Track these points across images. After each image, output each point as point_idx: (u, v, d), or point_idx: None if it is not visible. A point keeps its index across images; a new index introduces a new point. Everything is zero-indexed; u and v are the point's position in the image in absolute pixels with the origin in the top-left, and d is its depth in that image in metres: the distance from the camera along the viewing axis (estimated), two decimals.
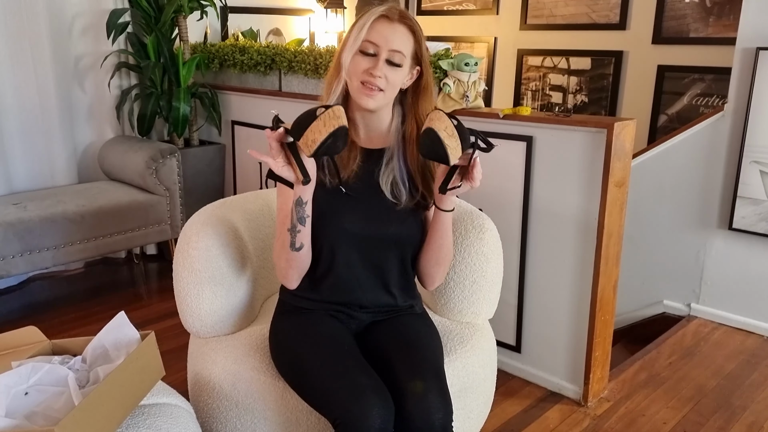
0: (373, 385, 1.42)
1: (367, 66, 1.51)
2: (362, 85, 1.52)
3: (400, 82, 1.56)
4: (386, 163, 1.62)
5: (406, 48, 1.53)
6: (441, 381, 1.49)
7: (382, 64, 1.51)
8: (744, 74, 2.81)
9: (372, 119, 1.62)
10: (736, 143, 2.87)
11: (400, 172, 1.61)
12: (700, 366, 2.70)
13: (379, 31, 1.51)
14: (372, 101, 1.53)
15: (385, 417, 1.37)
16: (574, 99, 4.17)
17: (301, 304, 1.67)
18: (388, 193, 1.60)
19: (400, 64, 1.53)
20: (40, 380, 1.30)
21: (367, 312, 1.66)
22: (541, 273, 2.44)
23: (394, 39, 1.51)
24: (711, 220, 3.03)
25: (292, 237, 1.54)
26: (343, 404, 1.39)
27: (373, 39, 1.51)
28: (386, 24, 1.52)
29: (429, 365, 1.51)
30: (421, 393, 1.43)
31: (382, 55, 1.51)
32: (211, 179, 3.78)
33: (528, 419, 2.32)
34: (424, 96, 1.61)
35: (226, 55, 3.62)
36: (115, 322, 1.44)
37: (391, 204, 1.60)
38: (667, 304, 3.23)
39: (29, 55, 3.30)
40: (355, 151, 1.61)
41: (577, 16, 4.07)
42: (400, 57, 1.52)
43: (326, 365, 1.49)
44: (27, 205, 3.06)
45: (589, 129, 2.21)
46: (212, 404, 1.71)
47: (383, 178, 1.61)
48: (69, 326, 2.97)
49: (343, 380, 1.43)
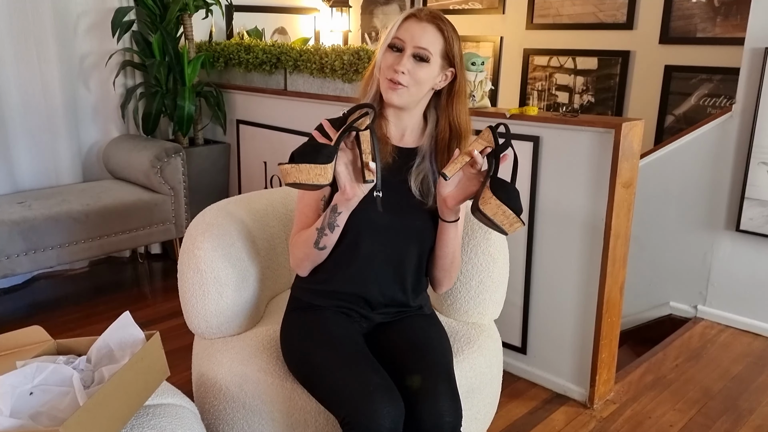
0: (384, 385, 1.41)
1: (393, 61, 1.55)
2: (388, 81, 1.55)
3: (427, 79, 1.57)
4: (418, 163, 1.64)
5: (433, 46, 1.55)
6: (452, 384, 1.49)
7: (407, 59, 1.54)
8: (752, 74, 2.79)
9: (402, 117, 1.64)
10: (744, 144, 2.86)
11: (431, 174, 1.64)
12: (707, 368, 2.69)
13: (406, 29, 1.56)
14: (396, 96, 1.56)
15: (395, 417, 1.37)
16: (580, 99, 4.15)
17: (314, 300, 1.67)
18: (416, 191, 1.62)
19: (426, 59, 1.55)
20: (44, 380, 1.29)
21: (378, 312, 1.66)
22: (548, 274, 2.43)
23: (421, 36, 1.54)
24: (718, 222, 3.01)
25: (318, 236, 1.56)
26: (352, 403, 1.38)
27: (400, 36, 1.56)
28: (414, 22, 1.56)
29: (441, 368, 1.51)
30: (433, 396, 1.43)
31: (407, 51, 1.54)
32: (216, 178, 3.78)
33: (533, 421, 2.30)
34: (458, 99, 1.63)
35: (231, 53, 3.61)
36: (120, 322, 1.43)
37: (417, 202, 1.62)
38: (674, 306, 3.22)
39: (34, 53, 3.30)
40: (387, 147, 1.62)
41: (584, 16, 4.05)
42: (426, 53, 1.54)
43: (337, 363, 1.48)
44: (32, 203, 3.06)
45: (596, 129, 2.20)
46: (219, 406, 1.70)
47: (413, 176, 1.63)
48: (73, 325, 2.97)
49: (353, 378, 1.42)
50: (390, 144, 1.63)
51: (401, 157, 1.63)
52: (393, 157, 1.62)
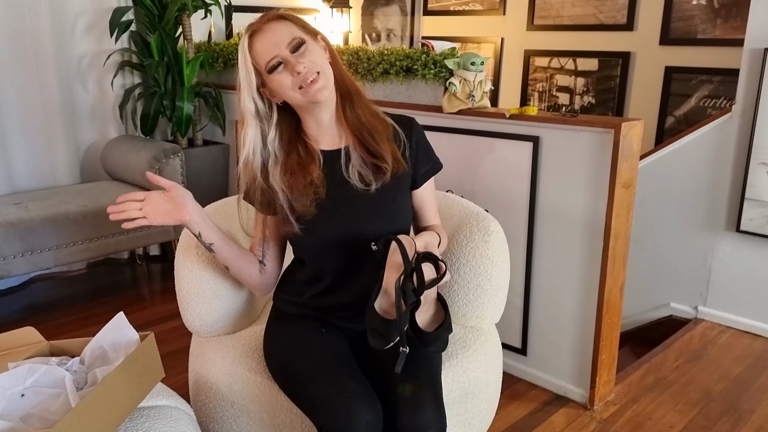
0: (361, 391, 1.39)
1: (289, 75, 1.47)
2: (302, 89, 1.48)
3: (321, 56, 1.51)
4: (346, 160, 1.58)
5: (293, 32, 1.49)
6: (437, 393, 1.45)
7: (294, 59, 1.47)
8: (752, 75, 2.78)
9: (324, 113, 1.56)
10: (743, 145, 2.84)
11: (360, 160, 1.58)
12: (707, 369, 2.67)
13: (263, 48, 1.47)
14: (322, 89, 1.48)
15: (371, 422, 1.34)
16: (581, 100, 4.14)
17: (291, 311, 1.67)
18: (358, 185, 1.56)
19: (302, 42, 1.48)
20: (36, 381, 1.28)
21: (355, 322, 1.62)
22: (547, 275, 2.42)
23: (277, 37, 1.47)
24: (718, 222, 3.00)
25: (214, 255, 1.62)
26: (329, 409, 1.36)
27: (265, 57, 1.47)
28: (261, 36, 1.48)
29: (424, 376, 1.47)
30: (416, 407, 1.39)
31: (286, 56, 1.47)
32: (215, 179, 3.77)
33: (533, 422, 2.29)
34: (335, 60, 1.56)
35: (230, 54, 3.60)
36: (114, 322, 1.42)
37: (363, 192, 1.56)
38: (674, 307, 3.20)
39: (31, 53, 3.29)
40: (316, 156, 1.57)
41: (585, 17, 4.04)
42: (297, 40, 1.48)
43: (315, 371, 1.47)
44: (28, 204, 3.05)
45: (596, 129, 2.18)
46: (209, 404, 1.71)
47: (350, 171, 1.57)
48: (70, 327, 2.96)
49: (330, 386, 1.41)
50: (317, 152, 1.58)
51: (331, 161, 1.58)
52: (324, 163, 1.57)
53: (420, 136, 1.66)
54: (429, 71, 2.50)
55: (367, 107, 1.61)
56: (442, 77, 2.47)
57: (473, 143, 2.49)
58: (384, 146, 1.57)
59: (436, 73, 2.48)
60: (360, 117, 1.58)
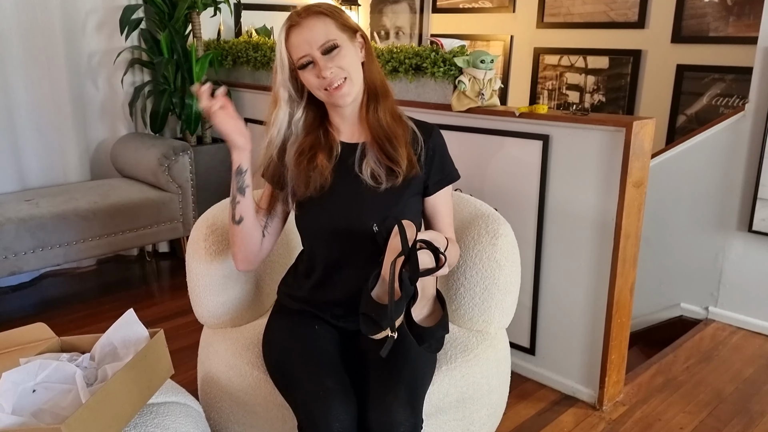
0: (337, 389, 1.40)
1: (315, 74, 1.50)
2: (327, 91, 1.51)
3: (351, 59, 1.53)
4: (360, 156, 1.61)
5: (330, 32, 1.50)
6: (414, 393, 1.43)
7: (323, 62, 1.49)
8: (765, 74, 2.75)
9: (347, 110, 1.60)
10: (756, 144, 2.82)
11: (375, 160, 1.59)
12: (718, 370, 2.66)
13: (297, 43, 1.50)
14: (345, 95, 1.52)
15: (344, 421, 1.35)
16: (591, 98, 4.13)
17: (290, 305, 1.69)
18: (369, 181, 1.57)
19: (335, 46, 1.49)
20: (47, 377, 1.29)
21: (348, 320, 1.61)
22: (557, 274, 2.41)
23: (313, 35, 1.49)
24: (730, 222, 2.98)
25: (233, 209, 1.56)
26: (307, 406, 1.39)
27: (297, 53, 1.50)
28: (296, 31, 1.50)
29: (405, 374, 1.45)
30: (383, 404, 1.38)
31: (316, 56, 1.49)
32: (224, 177, 3.75)
33: (542, 422, 2.28)
34: (369, 59, 1.58)
35: (239, 52, 3.60)
36: (124, 319, 1.43)
37: (372, 188, 1.57)
38: (685, 307, 3.18)
39: (42, 51, 3.31)
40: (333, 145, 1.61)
41: (595, 15, 4.02)
42: (331, 43, 1.49)
43: (299, 368, 1.49)
44: (39, 201, 3.06)
45: (607, 128, 2.17)
46: (212, 395, 1.74)
47: (363, 167, 1.59)
48: (80, 323, 2.97)
49: (310, 382, 1.43)
50: (338, 142, 1.62)
51: (348, 151, 1.62)
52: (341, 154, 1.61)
53: (439, 144, 1.67)
54: (438, 69, 2.49)
55: (390, 110, 1.62)
56: (451, 75, 2.47)
57: (482, 142, 2.48)
58: (401, 151, 1.57)
59: (445, 71, 2.48)
60: (380, 120, 1.59)
